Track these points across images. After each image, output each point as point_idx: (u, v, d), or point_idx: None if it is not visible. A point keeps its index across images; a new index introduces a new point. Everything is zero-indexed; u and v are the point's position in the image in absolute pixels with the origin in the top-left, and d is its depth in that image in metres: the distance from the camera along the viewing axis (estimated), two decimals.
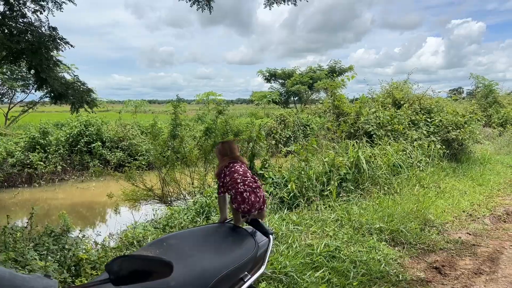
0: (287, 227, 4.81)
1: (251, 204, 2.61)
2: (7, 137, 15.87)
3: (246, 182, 2.66)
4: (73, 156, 15.91)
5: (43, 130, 15.75)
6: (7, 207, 12.48)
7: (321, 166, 6.76)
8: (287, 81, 34.15)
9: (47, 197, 13.69)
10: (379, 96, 11.62)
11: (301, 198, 6.04)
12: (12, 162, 14.41)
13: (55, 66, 9.57)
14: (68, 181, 15.25)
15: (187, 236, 2.16)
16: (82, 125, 16.54)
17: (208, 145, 9.74)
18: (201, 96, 29.76)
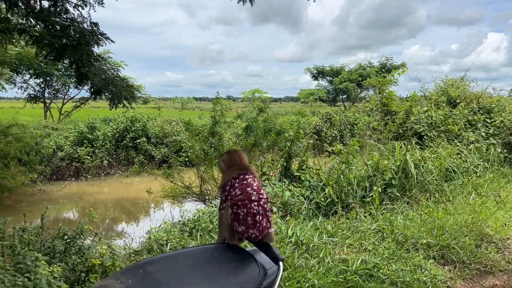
0: (320, 237, 4.35)
1: (261, 230, 2.19)
2: (58, 132, 16.40)
3: (261, 202, 2.23)
4: (119, 151, 16.20)
5: (91, 125, 16.14)
6: (55, 199, 12.83)
7: (364, 169, 6.21)
8: (335, 78, 33.17)
9: (93, 191, 13.97)
10: (432, 94, 10.74)
11: (339, 205, 5.54)
12: (61, 155, 14.87)
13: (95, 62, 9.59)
14: (113, 175, 15.54)
15: (173, 261, 1.79)
16: (128, 120, 16.79)
17: (248, 143, 9.42)
18: (246, 94, 29.58)
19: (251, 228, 2.17)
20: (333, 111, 23.46)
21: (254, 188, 2.29)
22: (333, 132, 21.05)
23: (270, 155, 9.03)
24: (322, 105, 33.74)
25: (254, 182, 2.33)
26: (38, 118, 19.69)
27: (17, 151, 11.64)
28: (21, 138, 12.26)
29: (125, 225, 11.01)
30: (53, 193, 13.17)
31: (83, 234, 3.65)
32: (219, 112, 11.00)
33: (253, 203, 2.22)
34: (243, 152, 2.60)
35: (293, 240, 4.11)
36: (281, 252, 3.71)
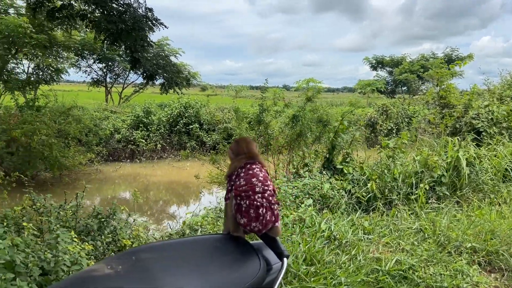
0: (355, 233, 4.17)
1: (265, 224, 2.08)
2: (116, 115, 17.13)
3: (266, 195, 2.10)
4: (172, 136, 16.65)
5: (147, 109, 16.69)
6: (111, 179, 13.46)
7: (411, 164, 5.87)
8: (395, 69, 31.88)
9: (146, 173, 14.49)
10: (496, 87, 9.94)
11: (381, 201, 5.28)
12: (118, 138, 15.53)
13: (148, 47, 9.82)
14: (166, 159, 16.02)
15: (169, 249, 1.74)
16: (182, 106, 17.18)
17: (293, 133, 9.27)
18: (301, 83, 29.19)
19: (254, 221, 2.07)
20: (390, 103, 22.57)
21: (260, 179, 2.16)
22: (389, 125, 20.28)
23: (316, 146, 8.84)
24: (379, 97, 32.58)
25: (261, 173, 2.21)
26: (100, 101, 20.69)
27: (76, 131, 12.29)
28: (80, 120, 12.93)
29: (176, 208, 11.34)
30: (109, 173, 13.82)
31: (115, 214, 3.74)
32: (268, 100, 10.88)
33: (257, 195, 2.10)
34: (251, 140, 2.49)
35: (326, 234, 3.97)
36: (311, 245, 3.60)
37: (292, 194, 5.32)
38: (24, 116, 11.78)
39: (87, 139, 13.35)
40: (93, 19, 10.11)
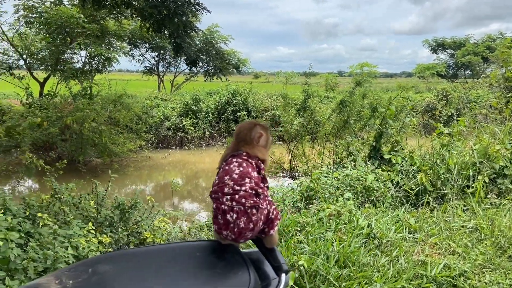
0: (398, 232, 3.73)
1: (238, 232, 1.72)
2: (167, 103, 17.35)
3: (237, 197, 1.73)
4: (220, 123, 16.63)
5: (195, 97, 16.74)
6: (161, 166, 13.66)
7: (468, 154, 5.25)
8: (457, 51, 29.75)
9: (195, 160, 14.57)
10: None
11: (432, 194, 4.75)
12: (168, 125, 15.73)
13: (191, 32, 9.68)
14: (214, 146, 16.03)
15: (135, 260, 1.47)
16: (230, 94, 17.06)
17: (340, 119, 8.78)
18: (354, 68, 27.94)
19: (224, 228, 1.74)
20: (450, 87, 21.11)
21: (233, 176, 1.80)
22: (449, 111, 19.00)
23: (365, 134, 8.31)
24: (440, 81, 30.65)
25: (238, 169, 1.83)
26: (152, 90, 21.09)
27: (126, 119, 12.52)
28: (129, 108, 13.16)
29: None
30: (158, 160, 14.02)
31: (138, 205, 3.58)
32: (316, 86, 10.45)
33: (225, 197, 1.75)
34: (251, 125, 2.10)
35: (364, 232, 3.57)
36: (346, 244, 3.22)
37: (332, 185, 4.93)
38: (77, 104, 12.17)
39: (136, 127, 13.59)
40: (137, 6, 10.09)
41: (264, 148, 2.08)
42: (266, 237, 1.87)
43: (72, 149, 11.18)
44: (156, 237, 3.37)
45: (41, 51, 14.50)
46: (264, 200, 1.83)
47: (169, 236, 3.55)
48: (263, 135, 2.06)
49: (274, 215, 1.90)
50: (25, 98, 13.46)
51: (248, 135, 2.03)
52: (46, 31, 13.28)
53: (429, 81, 31.49)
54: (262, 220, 1.79)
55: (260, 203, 1.78)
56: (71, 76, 14.17)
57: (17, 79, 13.70)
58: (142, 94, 18.51)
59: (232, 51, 22.58)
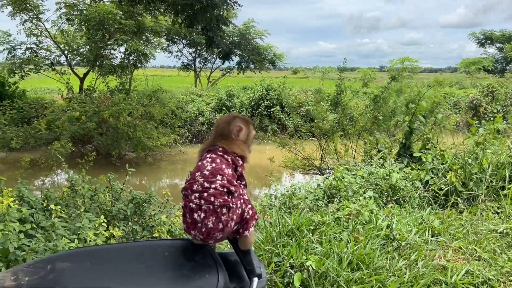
0: (420, 234, 3.52)
1: (207, 233, 1.63)
2: (201, 98, 17.52)
3: (205, 195, 1.63)
4: (254, 119, 16.57)
5: (229, 93, 16.79)
6: (194, 160, 13.77)
7: (505, 153, 4.92)
8: (506, 45, 28.22)
9: None
10: None
11: (463, 195, 4.48)
12: (202, 120, 15.89)
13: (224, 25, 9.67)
14: None
15: (97, 258, 1.40)
16: (264, 89, 16.99)
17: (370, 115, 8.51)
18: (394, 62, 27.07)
19: (192, 228, 1.64)
20: (497, 82, 20.05)
21: (204, 173, 1.70)
22: (494, 108, 18.08)
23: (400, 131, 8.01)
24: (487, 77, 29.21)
25: (210, 164, 1.73)
26: (188, 85, 21.38)
27: (160, 114, 12.74)
28: (164, 103, 13.38)
29: (258, 191, 11.23)
30: (191, 155, 14.16)
31: (152, 199, 3.58)
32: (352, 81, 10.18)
33: (194, 195, 1.65)
34: (228, 117, 1.98)
35: (383, 233, 3.40)
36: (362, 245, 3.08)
37: (355, 184, 4.76)
38: (114, 98, 12.50)
39: (171, 121, 13.79)
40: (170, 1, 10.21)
41: (244, 143, 1.94)
42: (241, 238, 1.76)
43: (108, 143, 11.49)
44: (162, 232, 3.36)
45: (82, 47, 14.99)
46: (238, 199, 1.72)
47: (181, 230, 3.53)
48: (243, 129, 1.93)
49: (249, 215, 1.78)
50: (65, 92, 13.99)
51: (226, 128, 1.91)
52: (86, 27, 13.71)
53: (475, 76, 30.09)
54: (234, 221, 1.68)
55: (232, 202, 1.67)
56: (109, 71, 14.57)
57: (58, 74, 14.26)
58: (178, 90, 18.79)
59: (268, 46, 22.49)
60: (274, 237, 3.27)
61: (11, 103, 12.43)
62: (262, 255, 3.00)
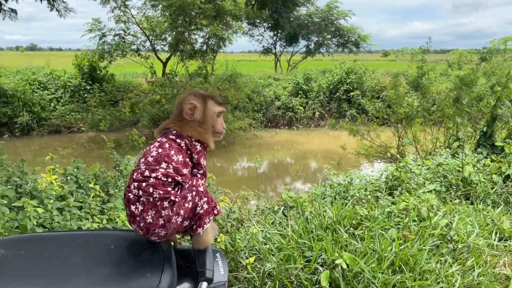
0: (485, 236, 3.05)
1: (146, 228, 1.43)
2: (279, 82, 17.37)
3: (144, 185, 1.43)
4: (332, 103, 16.09)
5: (307, 76, 16.41)
6: (269, 145, 13.76)
7: None
8: None
9: (302, 140, 14.39)
10: None
11: None
12: (278, 105, 15.77)
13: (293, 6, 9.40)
14: (323, 127, 15.60)
15: (35, 246, 1.31)
16: (344, 72, 16.33)
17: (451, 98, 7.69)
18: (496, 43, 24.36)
19: (131, 221, 1.45)
20: None
21: (148, 159, 1.50)
22: None
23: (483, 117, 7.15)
24: None
25: (157, 150, 1.52)
26: (268, 69, 21.32)
27: (234, 98, 12.85)
28: (239, 87, 13.47)
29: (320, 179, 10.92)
30: (265, 139, 14.17)
31: None
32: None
33: (133, 184, 1.46)
34: (183, 94, 1.73)
35: (438, 232, 3.00)
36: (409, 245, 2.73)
37: (420, 175, 4.31)
38: (191, 82, 12.87)
39: (246, 105, 13.87)
40: None
41: (202, 124, 1.69)
42: (194, 235, 1.55)
43: None
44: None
45: (165, 32, 15.60)
46: (189, 191, 1.50)
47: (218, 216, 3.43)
48: (196, 107, 1.67)
49: (204, 210, 1.55)
50: (149, 76, 14.72)
51: (178, 108, 1.68)
52: (168, 13, 14.22)
53: None
54: (182, 216, 1.47)
55: (176, 194, 1.45)
56: (189, 56, 15.01)
57: (143, 59, 15.03)
58: (257, 74, 18.84)
59: (352, 27, 21.52)
60: (313, 229, 3.05)
61: (99, 86, 13.39)
62: (294, 247, 2.80)
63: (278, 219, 3.44)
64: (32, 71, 15.17)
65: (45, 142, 12.82)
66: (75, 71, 15.05)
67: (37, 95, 13.79)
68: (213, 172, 3.91)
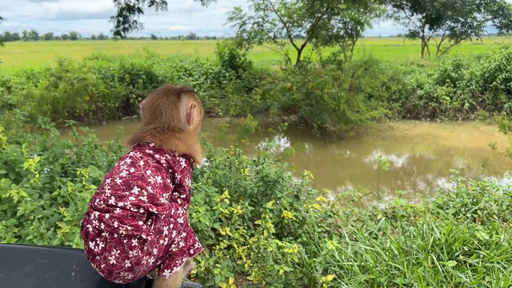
0: None
1: (108, 270, 1.09)
2: (423, 69, 15.81)
3: (107, 217, 1.08)
4: (485, 94, 13.99)
5: (457, 62, 14.54)
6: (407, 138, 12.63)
7: None
8: None
9: (447, 135, 12.88)
10: None
11: None
12: (420, 94, 14.38)
13: None
14: (472, 121, 13.69)
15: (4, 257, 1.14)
16: (504, 58, 14.02)
17: None
18: None
19: (90, 259, 1.11)
20: None
21: (116, 181, 1.13)
22: None
23: None
24: None
25: (128, 169, 1.16)
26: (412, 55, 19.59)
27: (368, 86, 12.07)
28: (375, 74, 12.59)
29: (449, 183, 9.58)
30: (402, 131, 13.05)
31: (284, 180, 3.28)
32: None
33: (93, 213, 1.11)
34: (169, 91, 1.33)
35: None
36: None
37: None
38: (323, 70, 12.49)
39: (382, 94, 12.94)
40: None
41: (194, 131, 1.35)
42: (158, 278, 1.19)
43: (311, 114, 11.61)
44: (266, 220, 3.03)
45: (302, 18, 15.44)
46: (166, 223, 1.15)
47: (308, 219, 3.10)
48: (196, 107, 1.35)
49: (178, 248, 1.19)
50: (284, 64, 14.79)
51: (173, 114, 1.30)
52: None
53: None
54: (154, 256, 1.13)
55: (149, 230, 1.10)
56: (324, 42, 14.61)
57: (279, 46, 15.15)
58: (399, 60, 17.44)
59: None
60: (412, 250, 2.54)
61: (236, 73, 13.95)
62: (383, 270, 2.36)
63: (375, 231, 2.98)
64: (180, 59, 16.58)
65: None
66: (216, 58, 15.97)
67: (183, 81, 15.03)
68: (336, 163, 3.58)
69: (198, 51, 19.89)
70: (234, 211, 2.91)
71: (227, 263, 2.45)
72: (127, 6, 12.23)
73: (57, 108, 12.12)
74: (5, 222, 2.19)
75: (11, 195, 2.27)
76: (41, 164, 2.88)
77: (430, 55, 20.72)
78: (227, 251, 2.69)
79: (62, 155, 3.24)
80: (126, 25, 12.50)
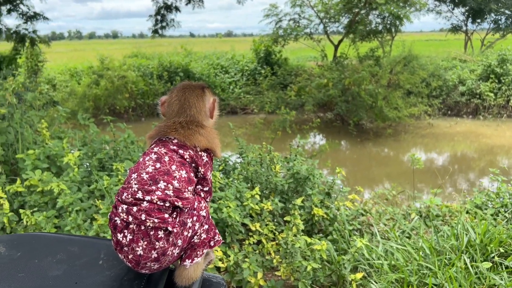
0: None
1: (135, 261, 1.14)
2: (465, 64, 15.23)
3: (135, 210, 1.12)
4: None
5: (502, 57, 13.91)
6: (448, 136, 12.25)
7: None
8: None
9: (490, 133, 12.41)
10: None
11: None
12: (462, 90, 13.88)
13: None
14: None
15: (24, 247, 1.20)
16: None
17: None
18: None
19: (118, 250, 1.15)
20: None
21: (142, 176, 1.16)
22: None
23: None
24: None
25: (154, 165, 1.19)
26: (454, 50, 18.90)
27: (408, 82, 11.76)
28: (414, 70, 12.25)
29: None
30: (442, 129, 12.65)
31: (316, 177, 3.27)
32: None
33: (121, 206, 1.15)
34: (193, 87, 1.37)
35: None
36: None
37: None
38: (360, 66, 12.28)
39: (421, 91, 12.57)
40: None
41: (213, 126, 1.40)
42: (179, 268, 1.23)
43: (347, 111, 11.46)
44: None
45: (339, 14, 15.22)
46: (190, 216, 1.19)
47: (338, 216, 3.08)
48: (216, 102, 1.42)
49: (200, 240, 1.24)
50: (320, 60, 14.65)
51: (200, 105, 1.35)
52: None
53: None
54: (179, 247, 1.18)
55: (174, 223, 1.15)
56: (361, 37, 14.35)
57: (315, 42, 15.01)
58: (441, 55, 16.88)
59: None
60: (445, 250, 2.48)
61: (271, 70, 13.95)
62: (414, 270, 2.32)
63: (408, 230, 2.93)
64: (217, 56, 16.77)
65: (223, 122, 14.10)
66: (252, 55, 16.02)
67: (219, 78, 15.21)
68: (373, 161, 3.56)
69: (235, 48, 20.03)
70: (264, 207, 2.94)
71: (256, 258, 2.49)
72: (165, 4, 12.48)
73: (99, 105, 12.59)
74: (46, 213, 2.35)
75: (52, 188, 2.41)
76: (80, 159, 3.03)
77: (474, 50, 19.92)
78: (256, 246, 2.73)
79: (100, 150, 3.39)
80: (163, 23, 12.76)
